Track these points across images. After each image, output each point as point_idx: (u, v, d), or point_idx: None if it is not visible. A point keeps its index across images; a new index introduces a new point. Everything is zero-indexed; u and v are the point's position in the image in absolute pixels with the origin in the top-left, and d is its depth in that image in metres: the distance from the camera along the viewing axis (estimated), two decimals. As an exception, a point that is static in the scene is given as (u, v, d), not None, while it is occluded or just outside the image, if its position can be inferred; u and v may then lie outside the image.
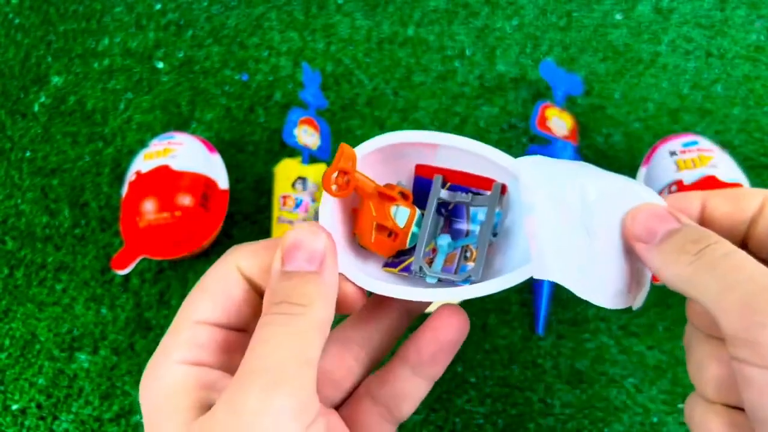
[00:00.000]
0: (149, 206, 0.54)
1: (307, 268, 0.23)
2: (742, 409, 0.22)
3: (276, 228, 0.57)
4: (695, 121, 0.64)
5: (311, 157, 0.59)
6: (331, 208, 0.26)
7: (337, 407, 0.28)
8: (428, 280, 0.27)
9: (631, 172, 0.59)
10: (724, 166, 0.54)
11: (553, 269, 0.24)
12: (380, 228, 0.27)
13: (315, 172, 0.58)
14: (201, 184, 0.56)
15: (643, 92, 0.66)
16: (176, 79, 0.68)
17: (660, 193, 0.54)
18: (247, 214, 0.61)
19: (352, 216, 0.28)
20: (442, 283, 0.27)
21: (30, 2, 0.73)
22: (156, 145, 0.57)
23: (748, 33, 0.69)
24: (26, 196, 0.62)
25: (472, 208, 0.28)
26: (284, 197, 0.57)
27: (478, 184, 0.28)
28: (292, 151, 0.62)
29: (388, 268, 0.28)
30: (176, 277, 0.58)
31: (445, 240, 0.28)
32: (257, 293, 0.25)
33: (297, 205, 0.57)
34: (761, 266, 0.20)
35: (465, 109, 0.65)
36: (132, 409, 0.53)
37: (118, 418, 0.53)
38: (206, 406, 0.22)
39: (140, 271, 0.58)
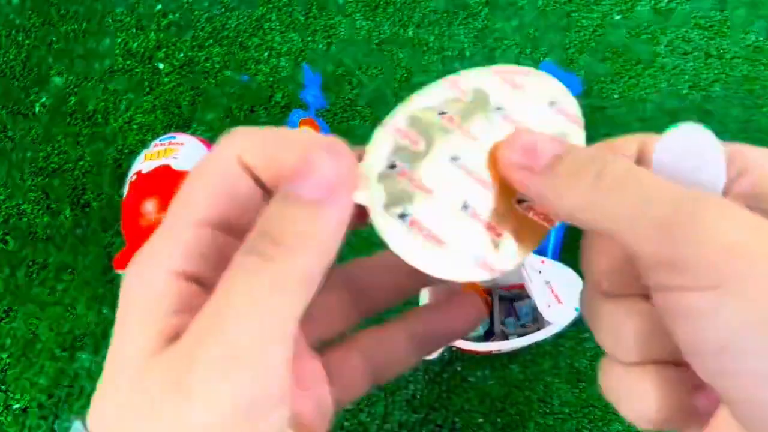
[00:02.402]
0: (150, 206, 0.54)
1: (314, 196, 0.18)
2: (669, 363, 0.19)
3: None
4: (695, 121, 0.64)
5: (311, 158, 0.59)
6: None
7: (320, 348, 0.25)
8: None
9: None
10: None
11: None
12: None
13: (315, 172, 0.58)
14: (202, 185, 0.56)
15: (642, 93, 0.66)
16: (177, 79, 0.68)
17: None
18: (248, 214, 0.61)
19: None
20: None
21: (31, 3, 0.73)
22: (157, 145, 0.58)
23: (747, 34, 0.69)
24: (28, 196, 0.63)
25: None
26: (285, 197, 0.58)
27: None
28: (293, 151, 0.62)
29: None
30: (177, 276, 0.58)
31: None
32: (264, 191, 0.20)
33: (297, 205, 0.57)
34: (666, 181, 0.17)
35: (465, 110, 0.65)
36: (133, 409, 0.53)
37: (119, 417, 0.53)
38: (176, 337, 0.18)
39: (141, 270, 0.58)
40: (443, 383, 0.54)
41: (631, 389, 0.19)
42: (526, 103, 0.21)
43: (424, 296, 0.49)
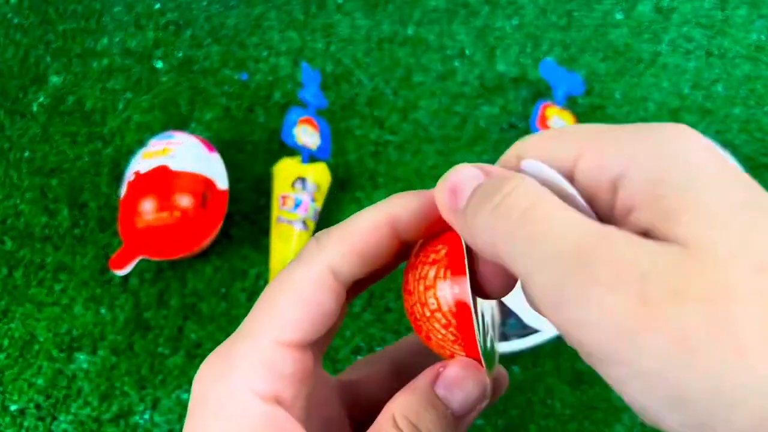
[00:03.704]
0: (148, 206, 0.54)
1: (456, 410, 0.20)
2: None
3: (275, 228, 0.57)
4: (696, 120, 0.63)
5: (311, 157, 0.59)
6: None
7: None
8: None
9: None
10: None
11: None
12: None
13: (315, 171, 0.58)
14: (200, 184, 0.56)
15: (644, 92, 0.65)
16: (175, 78, 0.67)
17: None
18: (247, 214, 0.61)
19: None
20: None
21: (29, 2, 0.72)
22: (155, 144, 0.57)
23: (748, 33, 0.68)
24: (25, 196, 0.62)
25: None
26: (283, 197, 0.57)
27: None
28: (292, 151, 0.62)
29: None
30: (175, 277, 0.58)
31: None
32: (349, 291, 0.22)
33: (296, 205, 0.57)
34: (568, 214, 0.16)
35: (465, 109, 0.65)
36: (131, 410, 0.53)
37: (117, 418, 0.53)
38: None
39: (139, 271, 0.58)
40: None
41: None
42: None
43: None
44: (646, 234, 0.16)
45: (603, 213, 0.18)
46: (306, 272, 0.20)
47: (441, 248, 0.21)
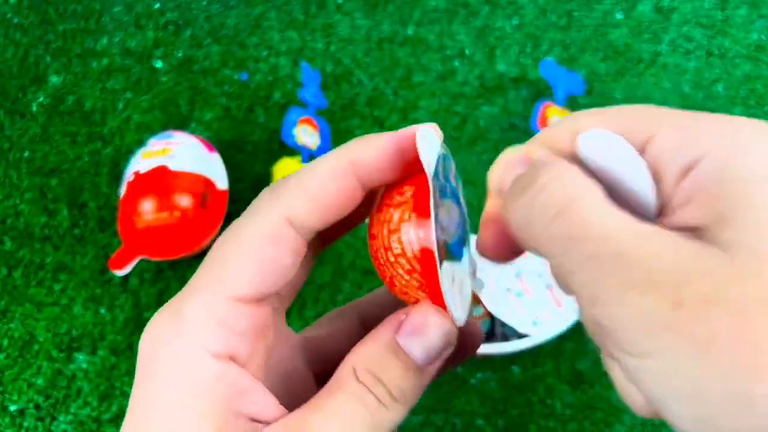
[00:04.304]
0: (147, 206, 0.54)
1: (418, 359, 0.20)
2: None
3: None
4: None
5: (311, 157, 0.59)
6: None
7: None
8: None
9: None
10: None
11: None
12: None
13: (314, 172, 0.58)
14: (200, 184, 0.55)
15: (644, 92, 0.65)
16: (175, 78, 0.67)
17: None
18: (247, 214, 0.61)
19: None
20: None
21: (29, 2, 0.72)
22: (154, 144, 0.57)
23: (748, 32, 0.68)
24: (25, 196, 0.62)
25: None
26: (284, 197, 0.57)
27: None
28: (292, 151, 0.62)
29: None
30: (175, 277, 0.58)
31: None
32: (310, 247, 0.21)
33: (296, 205, 0.57)
34: (607, 214, 0.16)
35: (465, 109, 0.65)
36: (131, 410, 0.53)
37: (117, 419, 0.53)
38: (235, 417, 0.18)
39: (139, 271, 0.58)
40: (443, 385, 0.53)
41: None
42: None
43: None
44: (694, 230, 0.16)
45: (663, 197, 0.18)
46: (258, 223, 0.19)
47: (407, 190, 0.20)
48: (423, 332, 0.19)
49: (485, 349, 0.51)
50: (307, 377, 0.24)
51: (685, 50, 0.68)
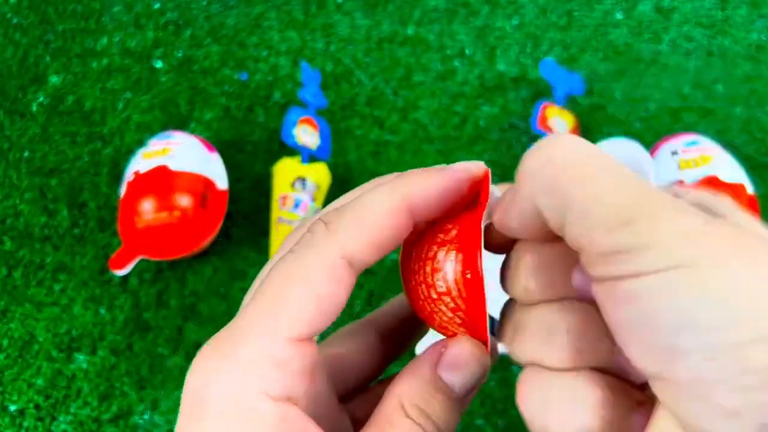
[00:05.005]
0: (147, 206, 0.54)
1: (457, 392, 0.20)
2: (604, 371, 0.19)
3: (275, 228, 0.57)
4: (696, 120, 0.63)
5: (311, 157, 0.59)
6: None
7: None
8: None
9: (631, 171, 0.59)
10: (726, 165, 0.53)
11: None
12: None
13: (314, 171, 0.58)
14: (200, 184, 0.55)
15: (644, 92, 0.65)
16: (175, 78, 0.67)
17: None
18: (246, 214, 0.61)
19: None
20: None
21: (28, 2, 0.72)
22: (155, 144, 0.57)
23: (749, 32, 0.68)
24: (25, 196, 0.62)
25: None
26: (283, 197, 0.57)
27: None
28: (292, 150, 0.62)
29: None
30: (175, 277, 0.58)
31: None
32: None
33: (296, 205, 0.57)
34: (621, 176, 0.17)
35: (465, 109, 0.65)
36: (130, 410, 0.53)
37: (117, 419, 0.53)
38: None
39: (139, 271, 0.58)
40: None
41: (561, 397, 0.19)
42: None
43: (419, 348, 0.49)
44: None
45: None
46: (319, 261, 0.19)
47: (451, 228, 0.20)
48: (464, 366, 0.20)
49: None
50: (332, 396, 0.24)
51: (685, 50, 0.68)
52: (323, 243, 0.19)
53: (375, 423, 0.19)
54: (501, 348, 0.23)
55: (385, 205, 0.19)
